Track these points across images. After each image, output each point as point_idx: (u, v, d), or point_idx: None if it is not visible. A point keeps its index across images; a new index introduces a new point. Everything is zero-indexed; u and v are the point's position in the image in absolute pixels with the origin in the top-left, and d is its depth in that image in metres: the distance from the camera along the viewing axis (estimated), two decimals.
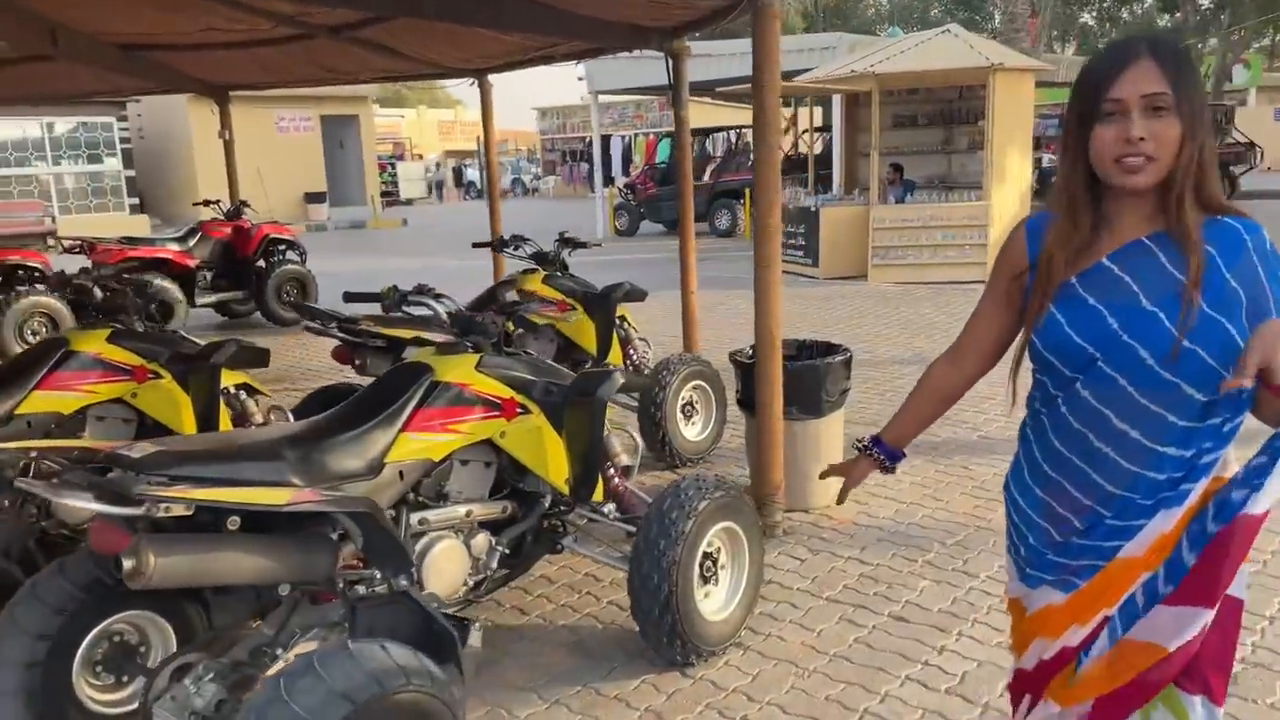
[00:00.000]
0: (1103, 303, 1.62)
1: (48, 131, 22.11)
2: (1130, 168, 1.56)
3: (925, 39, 12.71)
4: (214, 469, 2.33)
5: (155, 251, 9.36)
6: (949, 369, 1.94)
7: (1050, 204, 1.74)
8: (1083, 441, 1.67)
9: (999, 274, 1.82)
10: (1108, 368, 1.62)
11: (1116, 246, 1.65)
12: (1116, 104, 1.56)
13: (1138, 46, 1.58)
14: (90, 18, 7.65)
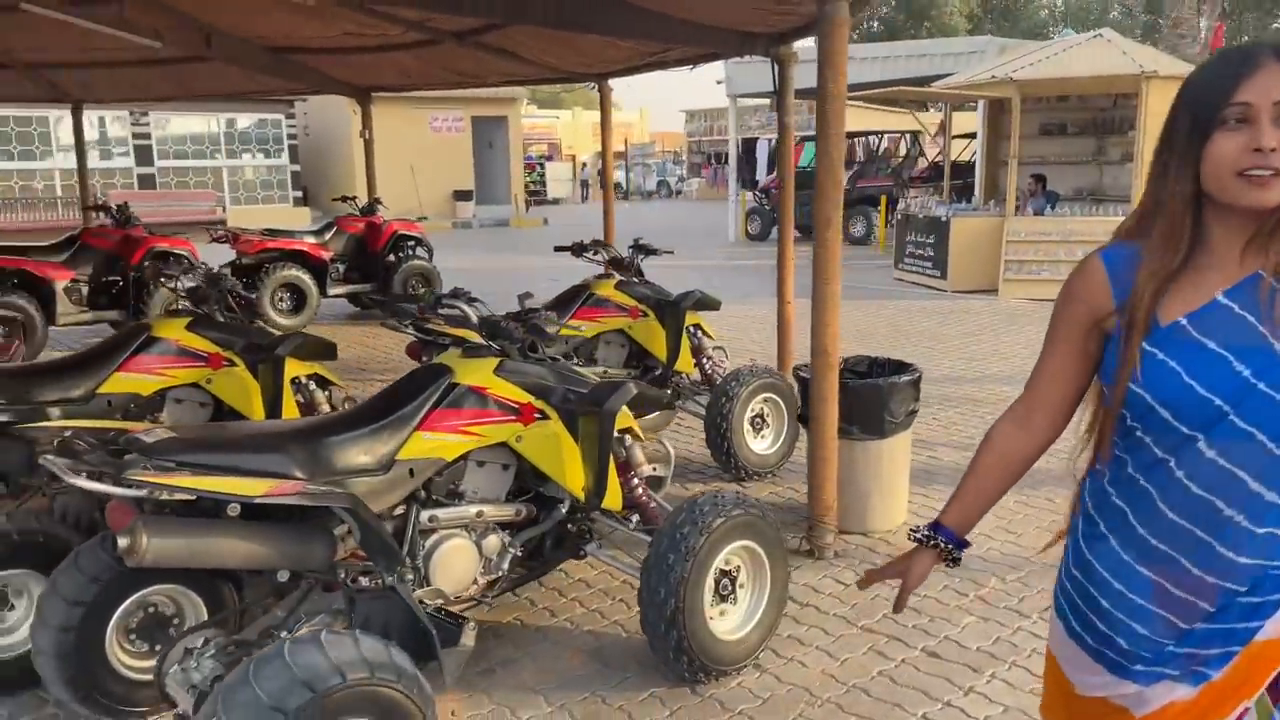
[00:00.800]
0: (1226, 347, 1.40)
1: (226, 127, 23.78)
2: (1259, 181, 1.35)
3: (1075, 43, 12.08)
4: (216, 458, 2.47)
5: (293, 244, 9.92)
6: (1015, 432, 1.64)
7: (1132, 232, 1.51)
8: (1206, 510, 1.42)
9: (1070, 318, 1.55)
10: (1242, 422, 1.39)
11: (1232, 282, 1.43)
12: (1244, 109, 1.36)
13: (1264, 51, 1.40)
14: (239, 22, 8.20)
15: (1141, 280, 1.44)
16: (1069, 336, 1.56)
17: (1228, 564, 1.42)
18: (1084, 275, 1.53)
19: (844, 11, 3.83)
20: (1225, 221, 1.42)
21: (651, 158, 46.47)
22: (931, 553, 1.70)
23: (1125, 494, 1.51)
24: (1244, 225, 1.41)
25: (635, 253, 5.68)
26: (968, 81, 12.21)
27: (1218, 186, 1.39)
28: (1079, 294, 1.53)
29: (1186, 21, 13.61)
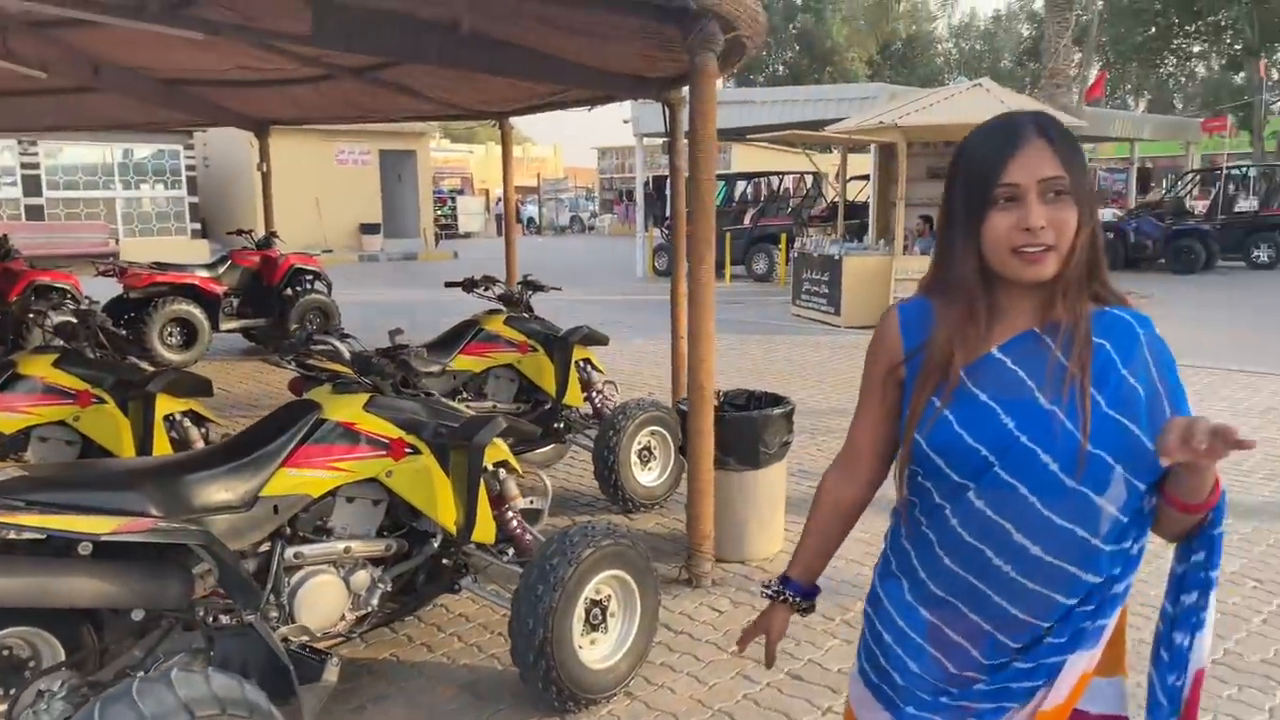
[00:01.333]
0: (995, 399, 1.45)
1: (122, 157, 23.12)
2: (1032, 258, 1.41)
3: (956, 92, 12.67)
4: (69, 496, 2.44)
5: (183, 277, 9.72)
6: (842, 481, 1.70)
7: (929, 289, 1.56)
8: (978, 558, 1.46)
9: (874, 369, 1.62)
10: (1005, 474, 1.43)
11: (1008, 337, 1.48)
12: (1012, 189, 1.41)
13: (1027, 126, 1.43)
14: (129, 53, 8.05)
15: (940, 334, 1.49)
16: (873, 388, 1.62)
17: (1001, 612, 1.46)
18: (883, 329, 1.60)
19: (712, 63, 4.01)
20: (1008, 285, 1.47)
21: (565, 193, 46.74)
22: (784, 606, 1.75)
23: (912, 535, 1.56)
24: (1028, 289, 1.46)
25: (524, 289, 5.77)
26: (857, 126, 12.69)
27: (996, 261, 1.44)
28: (879, 343, 1.60)
29: (1062, 72, 14.40)
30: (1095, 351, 1.44)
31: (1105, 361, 1.44)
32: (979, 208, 1.43)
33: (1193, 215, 20.25)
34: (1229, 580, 4.26)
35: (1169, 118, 28.05)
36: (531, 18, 5.12)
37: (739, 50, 4.72)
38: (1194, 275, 17.79)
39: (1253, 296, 14.83)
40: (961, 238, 1.46)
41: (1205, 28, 28.88)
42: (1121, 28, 28.02)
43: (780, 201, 20.19)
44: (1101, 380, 1.42)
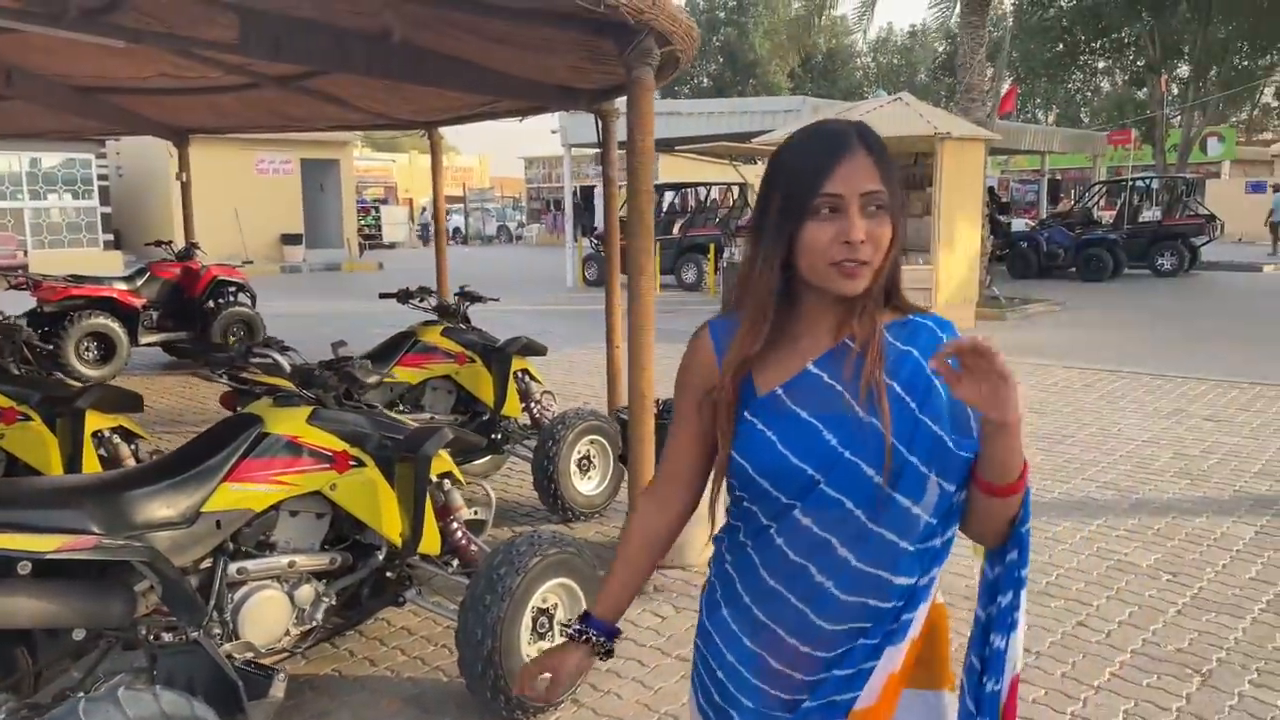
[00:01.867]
0: (816, 415, 1.42)
1: (29, 166, 22.30)
2: (849, 272, 1.37)
3: (878, 106, 12.99)
4: (5, 514, 2.39)
5: (100, 290, 9.44)
6: (655, 513, 1.61)
7: (739, 304, 1.50)
8: (802, 577, 1.43)
9: (687, 389, 1.55)
10: (831, 490, 1.40)
11: (822, 350, 1.45)
12: (834, 200, 1.36)
13: (849, 136, 1.39)
14: (44, 61, 7.80)
15: (727, 359, 1.46)
16: (687, 411, 1.54)
17: (819, 632, 1.43)
18: (695, 349, 1.54)
19: (649, 77, 4.08)
20: (818, 294, 1.43)
21: (491, 203, 46.45)
22: (584, 646, 1.59)
23: (737, 561, 1.51)
24: (834, 300, 1.43)
25: (462, 299, 5.76)
26: (780, 139, 12.93)
27: (810, 272, 1.40)
28: (692, 362, 1.54)
29: (977, 86, 14.87)
30: (902, 359, 1.42)
31: (914, 368, 1.42)
32: (795, 217, 1.38)
33: (1100, 225, 21.06)
34: (1146, 574, 4.47)
35: (1077, 131, 29.13)
36: (463, 28, 5.13)
37: (673, 64, 4.80)
38: (1103, 283, 18.51)
39: (1158, 302, 15.50)
40: (770, 247, 1.41)
41: (1109, 44, 30.08)
42: (1031, 44, 29.02)
43: (708, 212, 20.43)
44: (911, 386, 1.41)
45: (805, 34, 23.41)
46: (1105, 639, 3.84)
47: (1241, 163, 40.37)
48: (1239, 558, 4.65)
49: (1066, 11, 28.49)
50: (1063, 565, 4.58)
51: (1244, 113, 39.63)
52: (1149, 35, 26.50)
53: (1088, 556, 4.69)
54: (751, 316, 1.44)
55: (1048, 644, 3.80)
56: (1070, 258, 19.36)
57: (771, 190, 1.42)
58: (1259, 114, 40.04)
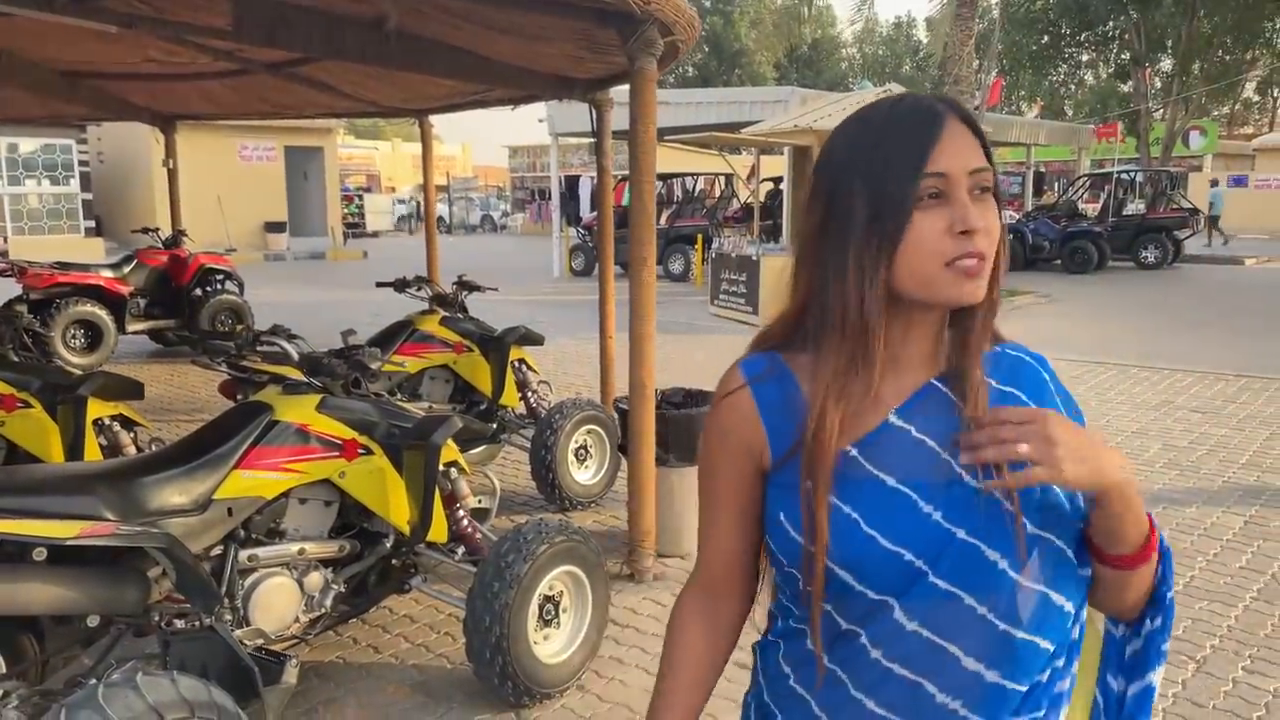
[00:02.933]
0: (907, 482, 1.08)
1: (8, 152, 22.05)
2: (970, 271, 1.06)
3: (868, 96, 13.04)
4: (20, 500, 2.39)
5: (86, 277, 9.36)
6: (704, 623, 1.26)
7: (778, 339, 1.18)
8: (912, 695, 1.08)
9: (724, 463, 1.18)
10: (943, 581, 1.07)
11: (903, 397, 1.12)
12: (939, 182, 1.05)
13: (943, 108, 1.09)
14: (30, 44, 7.72)
15: (822, 414, 1.08)
16: (726, 490, 1.19)
17: None
18: (728, 409, 1.17)
19: (653, 66, 4.09)
20: (904, 318, 1.12)
21: (474, 192, 46.30)
22: None
23: (807, 678, 1.15)
24: (928, 325, 1.13)
25: (459, 289, 5.76)
26: (771, 129, 12.97)
27: (921, 281, 1.07)
28: (725, 432, 1.17)
29: (965, 79, 14.94)
30: (1003, 401, 1.13)
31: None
32: (895, 209, 1.05)
33: (1085, 218, 21.22)
34: None
35: (1062, 124, 29.31)
36: (460, 15, 5.12)
37: (673, 54, 4.82)
38: (1087, 275, 18.67)
39: (1142, 295, 15.64)
40: (864, 257, 1.07)
41: (1095, 38, 30.26)
42: (1017, 36, 29.16)
43: (695, 202, 20.43)
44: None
45: (793, 24, 23.39)
46: None
47: (1223, 156, 40.71)
48: (1229, 547, 4.73)
49: (1053, 5, 28.62)
50: None
51: (1226, 107, 39.97)
52: (1134, 29, 26.67)
53: None
54: (851, 352, 1.09)
55: None
56: (1055, 250, 19.51)
57: (843, 185, 1.08)
58: (1240, 108, 40.35)
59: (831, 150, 1.13)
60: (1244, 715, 3.25)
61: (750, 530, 1.20)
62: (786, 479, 1.11)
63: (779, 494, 1.14)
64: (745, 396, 1.15)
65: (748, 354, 1.20)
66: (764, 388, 1.15)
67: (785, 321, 1.17)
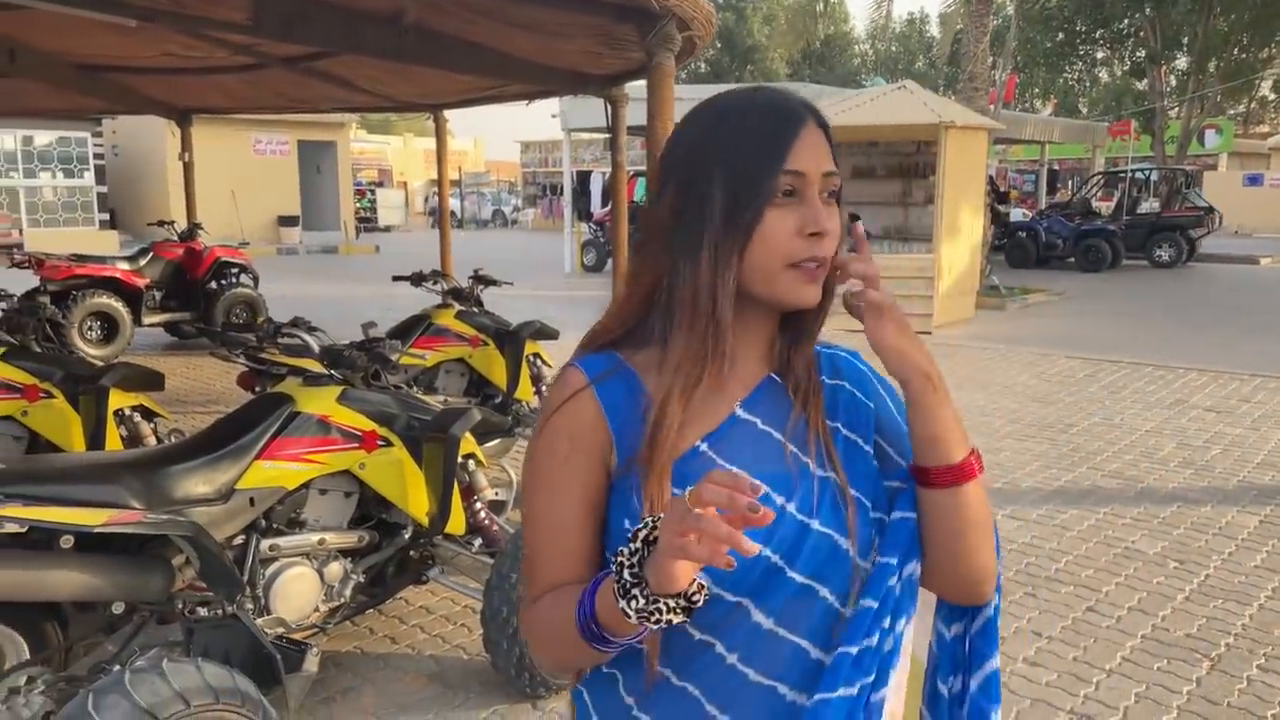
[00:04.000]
0: (760, 475, 0.98)
1: (23, 144, 22.19)
2: (812, 275, 1.05)
3: (882, 94, 13.01)
4: (48, 489, 2.42)
5: (103, 270, 9.42)
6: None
7: (615, 335, 1.14)
8: (768, 698, 1.05)
9: (568, 470, 1.08)
10: (800, 575, 1.04)
11: (747, 390, 1.11)
12: (795, 180, 1.04)
13: (797, 103, 1.08)
14: (48, 38, 7.78)
15: (665, 408, 1.04)
16: (576, 500, 1.08)
17: None
18: (575, 414, 1.09)
19: (670, 61, 4.10)
20: (745, 316, 1.09)
21: (486, 187, 46.35)
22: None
23: (656, 705, 1.07)
24: (764, 321, 1.12)
25: (475, 283, 5.79)
26: None
27: (764, 278, 1.05)
28: (576, 438, 1.08)
29: (980, 76, 14.89)
30: (835, 394, 1.15)
31: (849, 403, 1.15)
32: (752, 202, 1.03)
33: (1099, 216, 21.12)
34: (1153, 561, 4.54)
35: (1077, 121, 29.18)
36: (478, 11, 5.14)
37: (690, 49, 4.83)
38: (1101, 273, 18.58)
39: (1157, 293, 15.57)
40: (714, 246, 1.04)
41: (1110, 35, 30.09)
42: (1032, 33, 29.03)
43: None
44: (865, 431, 1.14)
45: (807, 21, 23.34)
46: (1115, 624, 3.90)
47: (1239, 155, 40.44)
48: (1244, 546, 4.72)
49: (1068, 1, 28.47)
50: (1071, 552, 4.64)
51: (1242, 105, 39.69)
52: (1150, 26, 26.52)
53: (1095, 544, 4.75)
54: (695, 341, 1.05)
55: (1059, 629, 3.85)
56: (1069, 248, 19.42)
57: (699, 172, 1.05)
58: (1256, 106, 40.05)
59: (685, 137, 1.10)
60: (1258, 714, 3.25)
61: (586, 535, 1.09)
62: (632, 482, 1.05)
63: (623, 499, 1.06)
64: (588, 398, 1.09)
65: (581, 354, 1.14)
66: (607, 388, 1.09)
67: (623, 315, 1.13)
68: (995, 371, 9.03)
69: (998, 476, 5.76)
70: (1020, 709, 3.26)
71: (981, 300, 13.46)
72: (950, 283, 12.31)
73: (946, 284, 12.16)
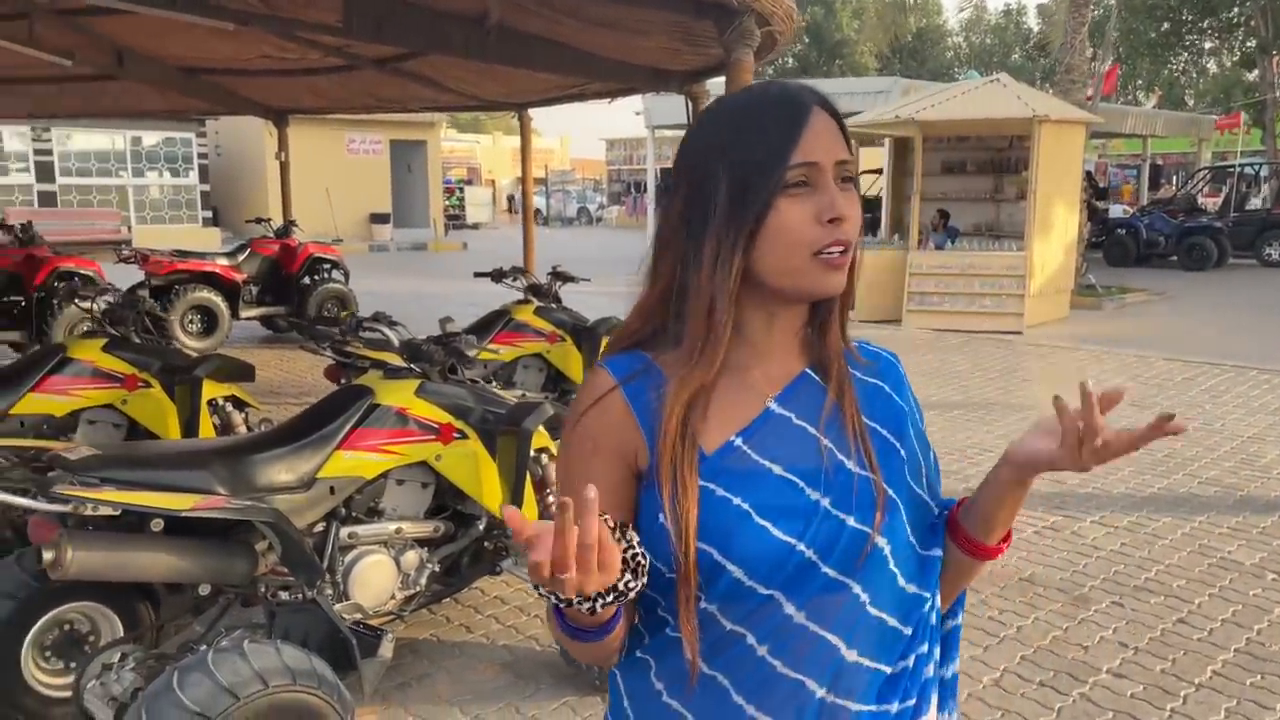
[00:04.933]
0: (794, 469, 1.07)
1: (132, 144, 23.23)
2: (835, 262, 1.05)
3: (973, 87, 12.71)
4: (140, 474, 2.53)
5: (203, 265, 9.80)
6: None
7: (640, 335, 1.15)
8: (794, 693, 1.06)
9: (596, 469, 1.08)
10: (834, 571, 1.05)
11: (781, 384, 1.12)
12: (808, 170, 1.04)
13: (807, 95, 1.09)
14: (154, 42, 8.14)
15: (671, 400, 1.06)
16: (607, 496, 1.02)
17: None
18: (604, 415, 1.10)
19: (749, 57, 4.08)
20: (770, 310, 1.11)
21: (571, 184, 46.77)
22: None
23: (685, 692, 1.09)
24: (790, 315, 1.12)
25: (554, 279, 5.85)
26: (872, 120, 12.73)
27: (785, 270, 1.05)
28: (604, 438, 1.10)
29: (1078, 68, 14.41)
30: (873, 395, 1.15)
31: (887, 406, 1.16)
32: (758, 196, 1.04)
33: (1204, 212, 20.27)
34: (1250, 573, 4.34)
35: (1181, 114, 28.04)
36: (561, 10, 5.20)
37: (770, 45, 4.79)
38: (1205, 272, 17.82)
39: (1265, 294, 14.86)
40: (721, 242, 1.05)
41: (1218, 24, 28.82)
42: (1135, 23, 27.99)
43: None
44: (901, 432, 1.14)
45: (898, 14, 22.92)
46: (1207, 637, 3.75)
47: None
48: None
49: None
50: (1163, 561, 4.47)
51: None
52: (1260, 14, 25.28)
53: (1189, 553, 4.56)
54: (698, 337, 1.07)
55: (1146, 640, 3.72)
56: (1171, 246, 18.67)
57: (706, 170, 1.07)
58: None
59: (695, 135, 1.12)
60: None
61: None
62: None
63: (653, 496, 1.06)
64: (617, 399, 1.10)
65: (610, 354, 1.16)
66: (635, 388, 1.10)
67: (643, 316, 1.15)
68: (1088, 373, 8.75)
69: (1087, 481, 5.59)
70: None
71: (1077, 300, 13.05)
72: (1043, 281, 11.96)
73: (1039, 283, 11.82)
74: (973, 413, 7.38)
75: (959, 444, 6.45)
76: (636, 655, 1.14)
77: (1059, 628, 3.82)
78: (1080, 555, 4.55)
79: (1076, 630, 3.79)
